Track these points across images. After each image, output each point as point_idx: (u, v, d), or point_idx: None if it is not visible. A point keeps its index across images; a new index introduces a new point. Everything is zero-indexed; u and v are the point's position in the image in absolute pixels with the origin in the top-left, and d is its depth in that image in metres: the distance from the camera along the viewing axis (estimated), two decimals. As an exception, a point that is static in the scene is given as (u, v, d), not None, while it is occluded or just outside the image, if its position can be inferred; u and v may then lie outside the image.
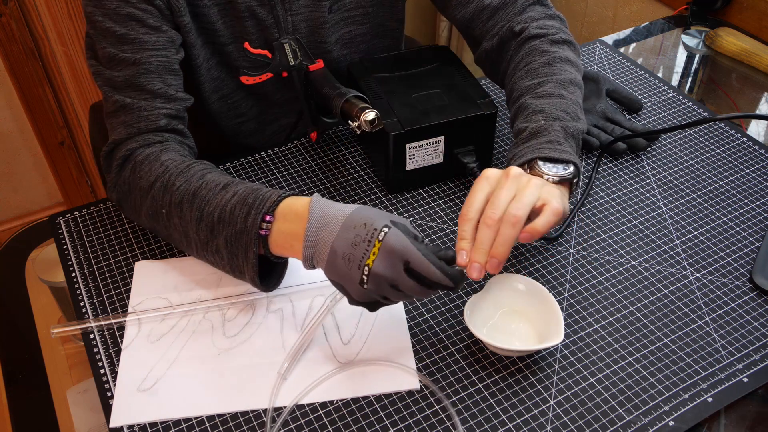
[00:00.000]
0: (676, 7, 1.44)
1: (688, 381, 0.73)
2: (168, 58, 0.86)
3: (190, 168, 0.79)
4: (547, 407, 0.71)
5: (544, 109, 0.82)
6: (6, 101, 1.80)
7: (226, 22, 0.93)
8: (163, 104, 0.85)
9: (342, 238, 0.67)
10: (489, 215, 0.69)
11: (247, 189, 0.75)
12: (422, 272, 0.65)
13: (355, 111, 0.86)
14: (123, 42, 0.83)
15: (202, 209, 0.75)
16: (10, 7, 1.65)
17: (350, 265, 0.66)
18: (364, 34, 1.04)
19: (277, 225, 0.71)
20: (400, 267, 0.65)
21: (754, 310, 0.80)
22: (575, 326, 0.78)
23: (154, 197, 0.79)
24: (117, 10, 0.82)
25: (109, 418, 0.70)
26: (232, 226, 0.73)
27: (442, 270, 0.65)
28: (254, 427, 0.69)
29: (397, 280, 0.66)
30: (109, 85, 0.85)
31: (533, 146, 0.79)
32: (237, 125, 1.07)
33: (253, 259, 0.72)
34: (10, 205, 2.00)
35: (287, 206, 0.72)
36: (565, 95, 0.84)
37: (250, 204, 0.72)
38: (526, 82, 0.87)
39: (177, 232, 0.79)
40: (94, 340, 0.78)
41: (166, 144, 0.84)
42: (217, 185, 0.76)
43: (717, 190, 0.95)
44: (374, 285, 0.66)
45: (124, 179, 0.83)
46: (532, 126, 0.81)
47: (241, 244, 0.72)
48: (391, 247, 0.65)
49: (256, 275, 0.73)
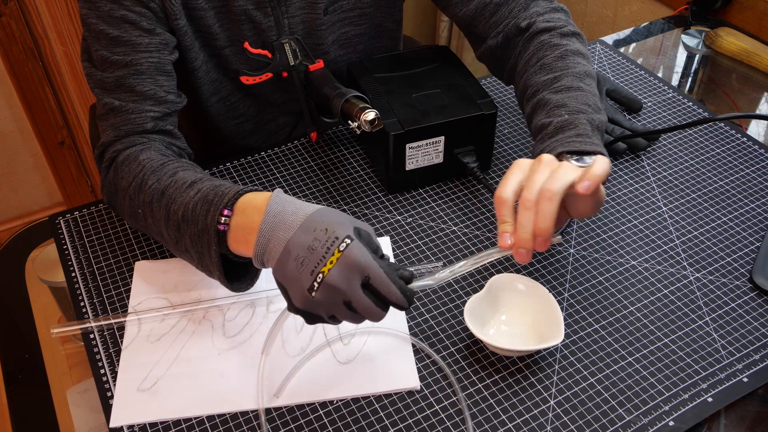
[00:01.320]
0: (676, 7, 1.44)
1: (688, 381, 0.73)
2: (160, 60, 0.85)
3: (164, 166, 0.79)
4: (547, 407, 0.71)
5: (565, 104, 0.80)
6: (6, 101, 1.80)
7: (222, 25, 0.93)
8: (152, 107, 0.84)
9: (298, 238, 0.63)
10: (526, 197, 0.67)
11: (210, 186, 0.73)
12: (381, 290, 0.63)
13: (355, 111, 0.86)
14: (116, 44, 0.83)
15: (168, 208, 0.74)
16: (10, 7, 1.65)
17: (302, 269, 0.62)
18: (361, 35, 1.04)
19: (235, 219, 0.69)
20: (356, 282, 0.62)
21: (754, 310, 0.80)
22: (575, 326, 0.78)
23: (131, 197, 0.79)
24: (111, 13, 0.82)
25: (109, 418, 0.70)
26: (194, 225, 0.71)
27: (401, 290, 0.63)
28: (254, 427, 0.69)
29: (351, 296, 0.62)
30: (100, 87, 0.85)
31: (561, 140, 0.76)
32: (236, 126, 1.07)
33: (216, 257, 0.70)
34: (10, 205, 2.00)
35: (247, 201, 0.69)
36: (584, 88, 0.83)
37: (210, 201, 0.71)
38: (541, 77, 0.85)
39: (153, 231, 0.79)
40: (94, 340, 0.78)
41: (148, 144, 0.84)
42: (185, 183, 0.75)
43: (717, 190, 0.95)
44: (324, 295, 0.62)
45: (110, 181, 0.84)
46: (556, 121, 0.79)
47: (204, 242, 0.71)
48: (352, 260, 0.61)
49: (221, 274, 0.71)
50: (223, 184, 0.72)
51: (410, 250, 0.87)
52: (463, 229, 0.89)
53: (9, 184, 1.95)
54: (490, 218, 0.91)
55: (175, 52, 0.89)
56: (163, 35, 0.86)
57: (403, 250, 0.87)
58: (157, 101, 0.85)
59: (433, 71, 0.98)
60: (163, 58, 0.86)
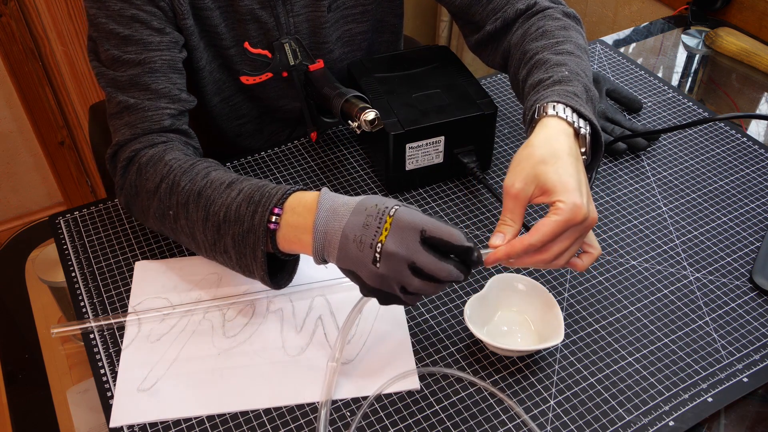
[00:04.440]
0: (676, 7, 1.44)
1: (688, 381, 0.73)
2: (173, 57, 0.85)
3: (194, 167, 0.78)
4: (547, 407, 0.71)
5: (566, 63, 0.79)
6: (6, 101, 1.80)
7: (228, 25, 0.93)
8: (168, 104, 0.84)
9: (353, 222, 0.65)
10: (542, 260, 0.67)
11: (253, 186, 0.73)
12: (442, 236, 0.62)
13: (355, 111, 0.86)
14: (127, 43, 0.82)
15: (207, 209, 0.74)
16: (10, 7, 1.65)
17: (362, 246, 0.63)
18: (364, 32, 1.04)
19: (285, 218, 0.69)
20: (415, 240, 0.62)
21: (754, 310, 0.80)
22: (575, 326, 0.78)
23: (160, 199, 0.78)
24: (121, 12, 0.82)
25: (109, 418, 0.70)
26: (239, 225, 0.71)
27: (461, 232, 0.64)
28: (254, 427, 0.69)
29: (413, 256, 0.62)
30: (112, 86, 0.84)
31: (559, 92, 0.75)
32: (238, 126, 1.07)
33: (262, 257, 0.71)
34: (10, 205, 2.00)
35: (296, 199, 0.70)
36: (584, 58, 0.82)
37: (257, 201, 0.71)
38: (542, 42, 0.84)
39: (184, 234, 0.78)
40: (94, 340, 0.78)
41: (170, 144, 0.83)
42: (222, 183, 0.75)
43: (717, 190, 0.95)
44: (388, 265, 0.63)
45: (130, 182, 0.82)
46: (557, 76, 0.77)
47: (249, 242, 0.71)
48: (405, 221, 0.62)
49: (265, 273, 0.72)
50: (267, 185, 0.73)
51: (410, 250, 0.87)
52: (463, 229, 0.89)
53: (9, 184, 1.95)
54: (489, 218, 0.91)
55: (183, 51, 0.88)
56: (173, 34, 0.86)
57: (403, 250, 0.87)
58: (172, 99, 0.84)
59: (433, 71, 0.98)
60: (174, 56, 0.85)
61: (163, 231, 0.82)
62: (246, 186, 0.73)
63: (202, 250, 0.78)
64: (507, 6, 0.92)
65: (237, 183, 0.74)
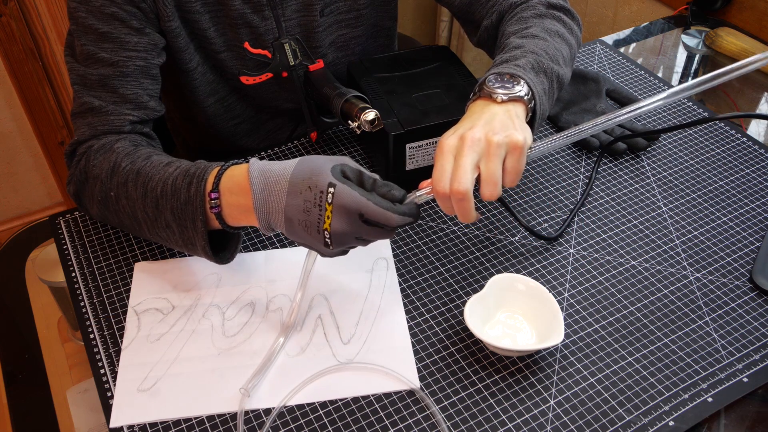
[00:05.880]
0: (676, 7, 1.44)
1: (688, 381, 0.73)
2: (147, 62, 0.86)
3: (137, 149, 0.81)
4: (547, 407, 0.71)
5: (523, 45, 0.82)
6: (6, 101, 1.80)
7: (218, 29, 0.93)
8: (132, 110, 0.85)
9: (292, 206, 0.68)
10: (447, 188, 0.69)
11: (190, 162, 0.76)
12: (380, 221, 0.67)
13: (355, 111, 0.86)
14: (104, 40, 0.83)
15: (145, 185, 0.76)
16: (10, 7, 1.65)
17: (310, 230, 0.68)
18: (358, 36, 1.04)
19: (225, 199, 0.73)
20: (357, 220, 0.67)
21: (754, 310, 0.80)
22: (575, 326, 0.78)
23: (102, 181, 0.80)
24: (102, 9, 0.82)
25: (109, 418, 0.70)
26: (176, 198, 0.74)
27: (399, 212, 0.66)
28: (254, 427, 0.69)
29: (358, 232, 0.68)
30: (81, 83, 0.84)
31: (495, 68, 0.79)
32: (233, 126, 1.07)
33: (202, 227, 0.73)
34: (10, 205, 2.00)
35: (229, 178, 0.73)
36: (549, 40, 0.84)
37: (192, 173, 0.74)
38: (514, 27, 0.88)
39: (125, 214, 0.80)
40: (94, 340, 0.78)
41: (127, 137, 0.85)
42: (161, 163, 0.78)
43: (717, 190, 0.95)
44: (339, 241, 0.68)
45: (80, 170, 0.83)
46: (506, 56, 0.81)
47: (188, 213, 0.73)
48: (343, 206, 0.66)
49: (207, 245, 0.75)
50: (204, 161, 0.76)
51: (410, 249, 0.87)
52: (462, 228, 0.89)
53: (9, 184, 1.95)
54: (489, 218, 0.91)
55: (162, 55, 0.89)
56: (152, 36, 0.86)
57: (403, 250, 0.87)
58: (137, 106, 0.85)
59: (433, 71, 0.98)
60: (150, 60, 0.86)
61: (107, 216, 0.83)
62: (184, 163, 0.76)
63: (144, 229, 0.79)
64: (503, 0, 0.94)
65: (176, 162, 0.77)
